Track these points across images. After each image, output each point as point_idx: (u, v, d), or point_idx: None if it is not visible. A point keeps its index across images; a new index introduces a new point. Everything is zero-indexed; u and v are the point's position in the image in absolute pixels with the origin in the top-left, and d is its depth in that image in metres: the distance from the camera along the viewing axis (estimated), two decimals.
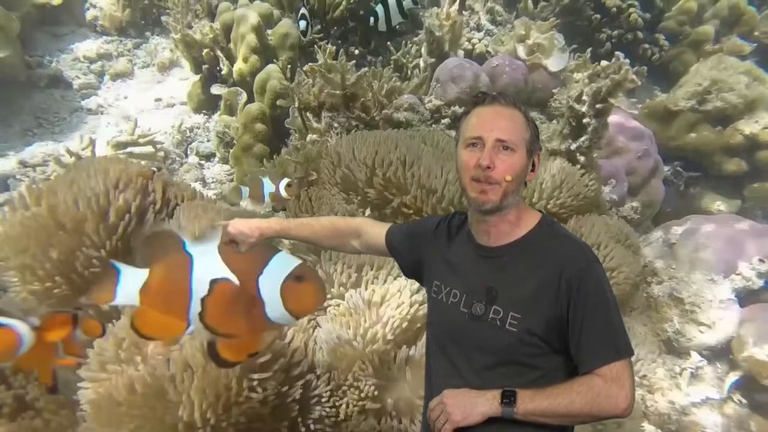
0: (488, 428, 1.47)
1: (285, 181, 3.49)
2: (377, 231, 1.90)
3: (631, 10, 6.52)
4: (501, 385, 1.49)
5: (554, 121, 4.95)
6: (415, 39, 5.97)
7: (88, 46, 6.76)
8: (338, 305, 2.62)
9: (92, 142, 5.10)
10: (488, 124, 1.56)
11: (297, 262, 1.71)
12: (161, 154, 5.61)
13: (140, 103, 6.36)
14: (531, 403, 1.45)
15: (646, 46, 6.67)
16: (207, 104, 6.11)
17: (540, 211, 1.69)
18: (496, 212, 1.57)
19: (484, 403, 1.47)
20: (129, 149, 5.39)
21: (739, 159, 5.94)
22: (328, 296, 2.63)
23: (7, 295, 2.97)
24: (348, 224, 1.98)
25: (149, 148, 5.52)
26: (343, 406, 2.43)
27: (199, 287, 1.64)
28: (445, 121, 4.68)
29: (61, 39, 6.82)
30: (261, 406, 2.25)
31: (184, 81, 6.50)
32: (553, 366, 1.54)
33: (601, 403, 1.44)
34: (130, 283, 1.71)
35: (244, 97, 5.44)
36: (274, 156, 4.58)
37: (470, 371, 1.57)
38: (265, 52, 5.57)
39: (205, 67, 5.92)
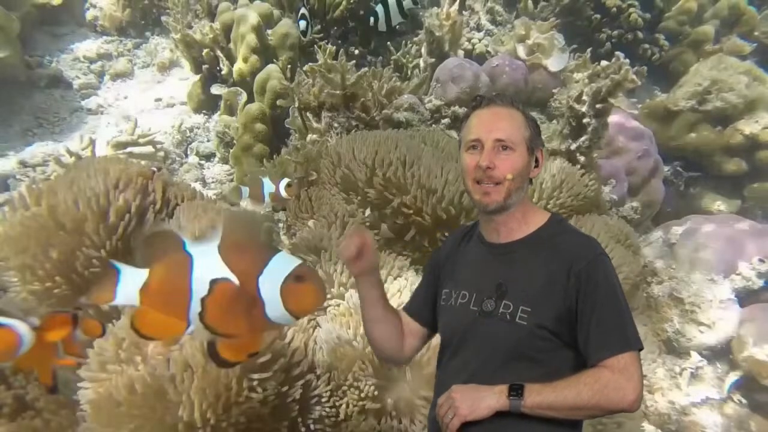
0: (496, 423, 1.47)
1: (285, 181, 3.49)
2: (407, 319, 1.86)
3: (631, 10, 6.52)
4: (511, 381, 1.48)
5: (554, 121, 4.95)
6: (415, 39, 5.96)
7: (88, 46, 6.75)
8: (338, 305, 2.61)
9: (92, 142, 5.09)
10: (486, 125, 1.60)
11: (297, 262, 1.70)
12: (161, 154, 5.60)
13: (140, 103, 6.34)
14: (538, 396, 1.44)
15: (646, 46, 6.67)
16: (207, 104, 6.10)
17: (549, 210, 1.72)
18: (502, 211, 1.61)
19: (492, 397, 1.47)
20: (129, 149, 5.38)
21: (739, 159, 5.94)
22: (329, 296, 2.63)
23: (7, 295, 2.96)
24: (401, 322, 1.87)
25: (149, 148, 5.51)
26: (343, 406, 2.43)
27: (199, 287, 1.63)
28: (445, 121, 4.67)
29: (61, 39, 6.81)
30: (261, 406, 2.25)
31: (184, 81, 6.49)
32: (563, 362, 1.54)
33: (609, 395, 1.43)
34: (130, 283, 1.70)
35: (244, 97, 5.44)
36: (274, 156, 4.57)
37: (481, 368, 1.57)
38: (265, 52, 5.56)
39: (205, 67, 5.92)
